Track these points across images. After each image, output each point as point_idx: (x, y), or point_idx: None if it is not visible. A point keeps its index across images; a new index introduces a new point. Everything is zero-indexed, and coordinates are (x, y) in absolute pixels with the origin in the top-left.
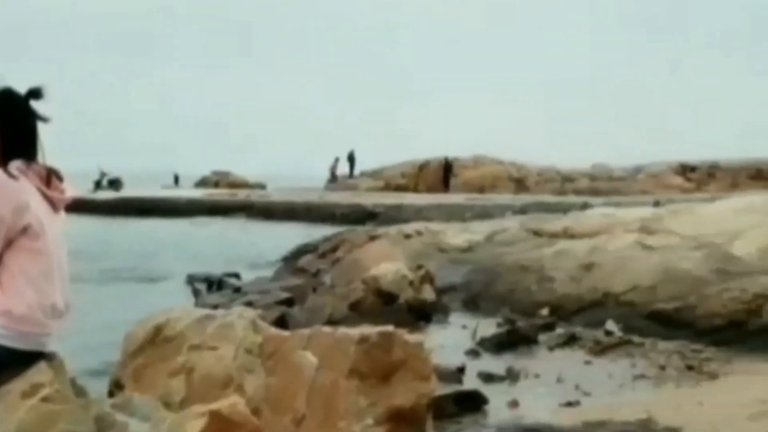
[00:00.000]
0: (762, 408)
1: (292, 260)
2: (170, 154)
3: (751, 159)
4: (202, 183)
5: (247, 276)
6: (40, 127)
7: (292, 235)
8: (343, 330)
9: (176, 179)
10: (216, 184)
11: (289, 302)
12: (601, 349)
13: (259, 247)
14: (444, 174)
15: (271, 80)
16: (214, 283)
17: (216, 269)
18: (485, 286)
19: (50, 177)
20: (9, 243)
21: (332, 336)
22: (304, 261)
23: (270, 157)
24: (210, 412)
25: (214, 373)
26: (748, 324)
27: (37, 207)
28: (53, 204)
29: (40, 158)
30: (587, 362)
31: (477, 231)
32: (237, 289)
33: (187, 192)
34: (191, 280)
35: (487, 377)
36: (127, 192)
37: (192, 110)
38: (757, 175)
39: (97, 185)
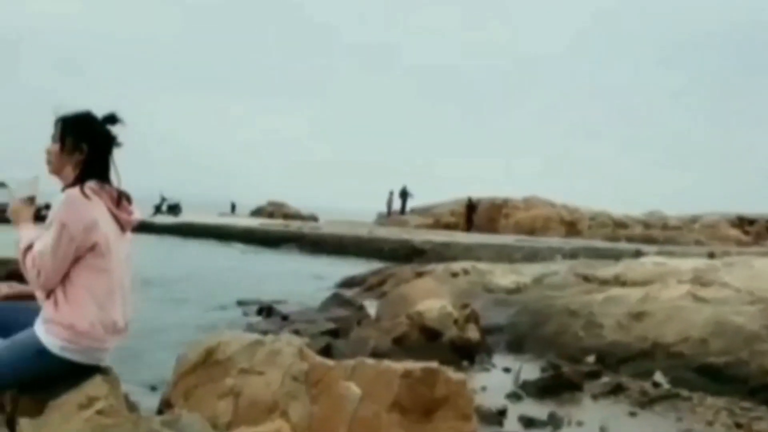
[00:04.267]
0: None
1: (338, 292)
2: (229, 183)
3: None
4: (258, 212)
5: (295, 305)
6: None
7: (341, 267)
8: (387, 363)
9: (233, 207)
10: (271, 215)
11: (334, 333)
12: (647, 401)
13: (308, 278)
14: (467, 213)
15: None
16: (264, 310)
17: (265, 296)
18: (531, 328)
19: (120, 199)
20: (77, 259)
21: (376, 368)
22: (350, 293)
23: (323, 190)
24: None
25: (260, 397)
26: None
27: (106, 226)
28: (121, 225)
29: (114, 180)
30: (632, 413)
31: (525, 273)
32: (285, 317)
33: (243, 220)
34: (241, 305)
35: (529, 422)
36: (186, 217)
37: (253, 142)
38: None
39: (157, 209)
